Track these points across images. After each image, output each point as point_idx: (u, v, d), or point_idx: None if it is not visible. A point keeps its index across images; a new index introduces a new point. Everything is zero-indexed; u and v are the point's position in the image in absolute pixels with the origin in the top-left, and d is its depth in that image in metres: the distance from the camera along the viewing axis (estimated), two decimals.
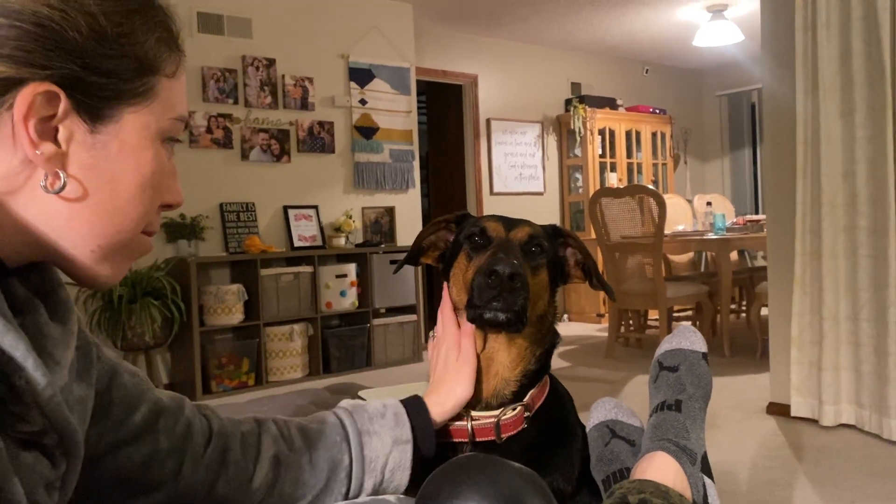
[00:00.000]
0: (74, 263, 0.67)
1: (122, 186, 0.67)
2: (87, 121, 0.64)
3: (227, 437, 0.88)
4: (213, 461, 0.85)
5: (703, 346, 1.04)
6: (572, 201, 7.25)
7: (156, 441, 0.80)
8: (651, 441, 0.92)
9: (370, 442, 0.92)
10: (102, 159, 0.65)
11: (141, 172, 0.68)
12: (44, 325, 0.64)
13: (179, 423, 0.84)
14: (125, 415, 0.79)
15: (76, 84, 0.62)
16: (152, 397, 0.83)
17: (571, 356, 5.14)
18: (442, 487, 0.52)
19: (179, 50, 0.71)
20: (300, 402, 2.21)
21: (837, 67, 3.02)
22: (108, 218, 0.66)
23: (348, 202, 5.31)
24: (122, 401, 0.79)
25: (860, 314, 3.00)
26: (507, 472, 0.53)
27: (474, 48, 6.68)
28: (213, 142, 4.70)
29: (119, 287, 4.05)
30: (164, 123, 0.69)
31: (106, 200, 0.66)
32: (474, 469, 0.54)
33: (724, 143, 8.54)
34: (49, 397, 0.57)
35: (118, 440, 0.77)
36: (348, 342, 4.93)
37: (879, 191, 2.90)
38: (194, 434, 0.85)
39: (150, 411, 0.81)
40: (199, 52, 4.67)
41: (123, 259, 0.70)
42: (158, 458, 0.80)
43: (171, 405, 0.84)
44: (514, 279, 0.84)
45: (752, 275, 5.27)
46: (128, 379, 0.81)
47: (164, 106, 0.69)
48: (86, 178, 0.64)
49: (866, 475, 2.56)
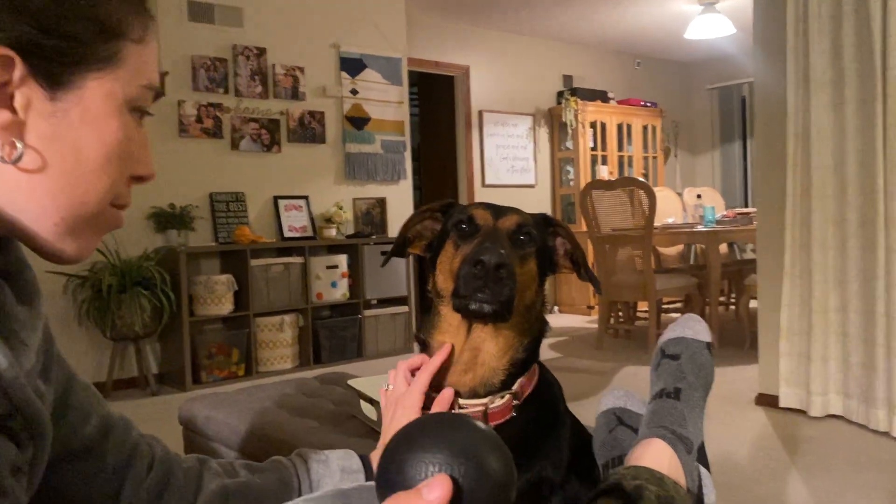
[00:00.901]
0: (37, 238, 0.64)
1: (86, 157, 0.63)
2: (46, 87, 0.60)
3: (171, 463, 0.85)
4: (154, 486, 0.82)
5: (707, 335, 1.04)
6: (563, 194, 7.25)
7: (102, 458, 0.77)
8: (648, 428, 0.92)
9: (318, 468, 0.93)
10: (63, 128, 0.62)
11: (106, 142, 0.64)
12: (9, 307, 0.61)
13: (127, 442, 0.81)
14: (79, 423, 0.75)
15: (33, 48, 0.59)
16: (103, 412, 0.79)
17: (562, 347, 5.15)
18: (400, 442, 0.53)
19: (147, 13, 0.67)
20: (289, 392, 2.20)
21: (829, 60, 3.03)
22: (71, 190, 0.63)
23: (339, 193, 5.29)
24: (77, 408, 0.75)
25: (849, 305, 3.02)
26: (466, 428, 0.54)
27: (466, 39, 6.65)
28: (203, 131, 4.67)
29: (108, 276, 4.02)
30: (131, 91, 0.66)
31: (68, 171, 0.62)
32: (431, 423, 0.55)
33: (714, 136, 8.56)
34: (12, 379, 0.55)
35: (68, 452, 0.74)
36: (339, 333, 4.92)
37: (869, 183, 2.92)
38: (140, 456, 0.82)
39: (101, 425, 0.78)
40: (190, 41, 4.63)
41: (91, 234, 0.67)
42: (102, 476, 0.77)
43: (121, 423, 0.81)
44: (500, 269, 0.82)
45: (742, 267, 5.29)
46: (81, 388, 0.77)
47: (131, 73, 0.65)
48: (45, 147, 0.61)
49: (853, 465, 2.58)
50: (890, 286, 2.84)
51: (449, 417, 0.58)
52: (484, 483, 0.51)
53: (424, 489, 0.49)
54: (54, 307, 4.09)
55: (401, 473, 0.51)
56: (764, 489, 2.40)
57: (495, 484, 0.51)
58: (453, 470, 0.50)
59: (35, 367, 0.64)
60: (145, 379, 4.29)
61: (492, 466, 0.52)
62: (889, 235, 2.84)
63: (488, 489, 0.51)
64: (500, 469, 0.52)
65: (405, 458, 0.52)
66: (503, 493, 0.52)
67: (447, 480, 0.49)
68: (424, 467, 0.51)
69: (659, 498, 0.79)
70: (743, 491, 2.38)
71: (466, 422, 0.55)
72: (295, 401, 2.08)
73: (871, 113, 2.88)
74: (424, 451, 0.51)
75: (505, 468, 0.53)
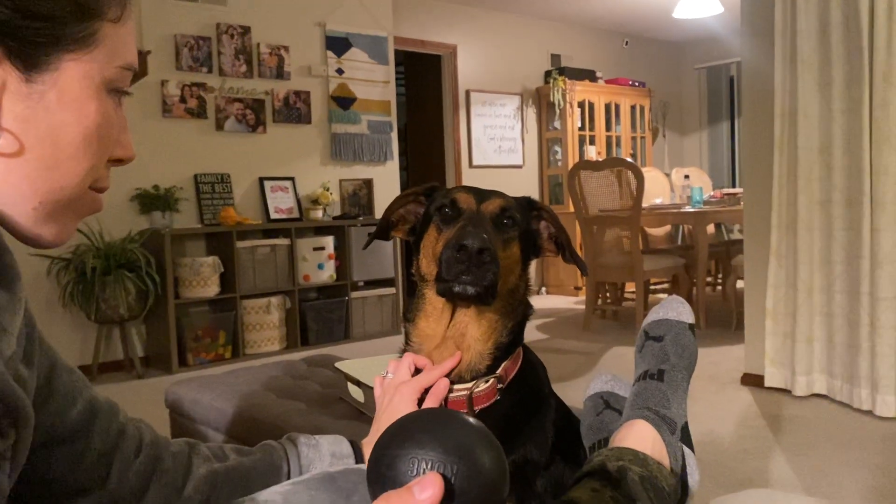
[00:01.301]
0: (15, 222, 0.63)
1: (64, 140, 0.62)
2: (22, 69, 0.59)
3: (160, 447, 0.84)
4: (144, 470, 0.81)
5: (690, 317, 1.04)
6: (551, 174, 7.24)
7: (89, 442, 0.76)
8: (631, 409, 0.92)
9: (308, 452, 0.93)
10: (40, 111, 0.61)
11: (84, 124, 0.63)
12: None
13: (113, 426, 0.80)
14: (64, 408, 0.74)
15: (6, 28, 0.58)
16: (89, 395, 0.78)
17: (549, 328, 5.17)
18: (394, 436, 0.53)
19: None
20: (276, 374, 2.20)
21: (816, 40, 3.02)
22: (49, 173, 0.62)
23: (325, 174, 5.26)
24: (61, 392, 0.74)
25: (834, 286, 3.04)
26: (461, 426, 0.53)
27: (453, 17, 6.60)
28: (186, 111, 4.61)
29: (92, 259, 3.99)
30: (109, 72, 0.65)
31: (46, 155, 0.62)
32: (424, 419, 0.55)
33: (702, 116, 8.57)
34: None
35: (53, 437, 0.73)
36: (326, 315, 4.91)
37: (855, 164, 2.92)
38: (127, 440, 0.81)
39: (86, 409, 0.77)
40: (173, 19, 4.56)
41: (69, 218, 0.66)
42: (89, 460, 0.76)
43: (107, 407, 0.80)
44: (482, 253, 0.82)
45: (729, 248, 5.32)
46: (66, 372, 0.76)
47: (109, 54, 0.64)
48: (22, 130, 0.60)
49: (836, 443, 2.61)
50: (874, 266, 2.86)
51: (443, 414, 0.57)
52: (476, 482, 0.51)
53: (416, 487, 0.49)
54: (38, 290, 4.05)
55: (392, 469, 0.51)
56: (748, 468, 2.42)
57: (487, 483, 0.51)
58: (446, 468, 0.50)
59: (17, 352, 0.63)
60: (131, 362, 4.27)
61: (484, 465, 0.52)
62: (874, 216, 2.86)
63: (480, 488, 0.51)
64: (492, 468, 0.52)
65: (397, 454, 0.52)
66: (495, 492, 0.52)
67: (439, 480, 0.49)
68: (416, 464, 0.51)
69: (642, 478, 0.79)
70: (727, 470, 2.40)
71: (461, 419, 0.55)
72: (282, 383, 2.08)
73: (858, 94, 2.89)
74: (417, 448, 0.51)
75: (497, 468, 0.53)
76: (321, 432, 1.61)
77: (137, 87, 4.42)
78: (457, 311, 0.91)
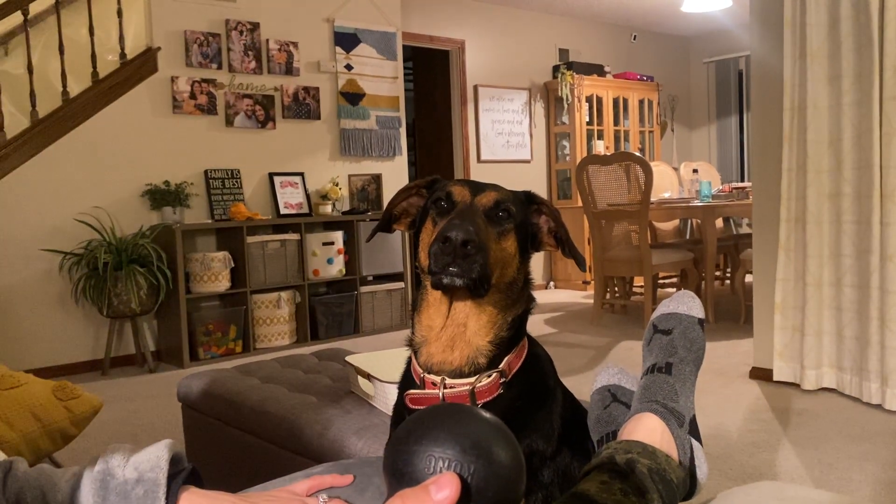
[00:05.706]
0: None
1: None
2: None
3: None
4: None
5: (699, 311, 1.05)
6: (559, 169, 7.23)
7: None
8: (640, 402, 0.93)
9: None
10: None
11: None
12: None
13: None
14: None
15: None
16: None
17: (557, 322, 5.17)
18: (411, 432, 0.53)
19: None
20: (286, 368, 2.22)
21: (825, 33, 3.01)
22: None
23: (334, 169, 5.28)
24: None
25: (843, 280, 3.03)
26: (478, 423, 0.53)
27: (461, 13, 6.59)
28: (196, 107, 4.63)
29: (104, 254, 4.02)
30: None
31: None
32: (442, 414, 0.54)
33: (710, 110, 8.53)
34: None
35: None
36: (336, 309, 4.94)
37: (864, 158, 2.91)
38: None
39: None
40: (182, 15, 4.58)
41: None
42: None
43: None
44: (467, 245, 0.82)
45: (737, 242, 5.31)
46: None
47: None
48: None
49: (845, 437, 2.61)
50: (884, 260, 2.85)
51: (461, 410, 0.57)
52: (492, 482, 0.51)
53: (432, 487, 0.48)
54: (50, 285, 4.09)
55: (409, 465, 0.51)
56: (757, 461, 2.43)
57: (504, 482, 0.51)
58: (463, 468, 0.50)
59: None
60: (143, 356, 4.31)
61: (501, 465, 0.52)
62: (884, 210, 2.85)
63: (496, 487, 0.51)
64: (509, 467, 0.52)
65: (415, 450, 0.51)
66: (511, 490, 0.52)
67: (456, 480, 0.49)
68: (434, 462, 0.50)
69: (651, 471, 0.80)
70: (736, 463, 2.41)
71: (478, 416, 0.54)
72: (293, 377, 2.09)
73: (868, 86, 2.87)
74: (434, 445, 0.51)
75: (514, 466, 0.53)
76: (332, 425, 1.63)
77: (147, 84, 4.45)
78: (453, 303, 0.91)
